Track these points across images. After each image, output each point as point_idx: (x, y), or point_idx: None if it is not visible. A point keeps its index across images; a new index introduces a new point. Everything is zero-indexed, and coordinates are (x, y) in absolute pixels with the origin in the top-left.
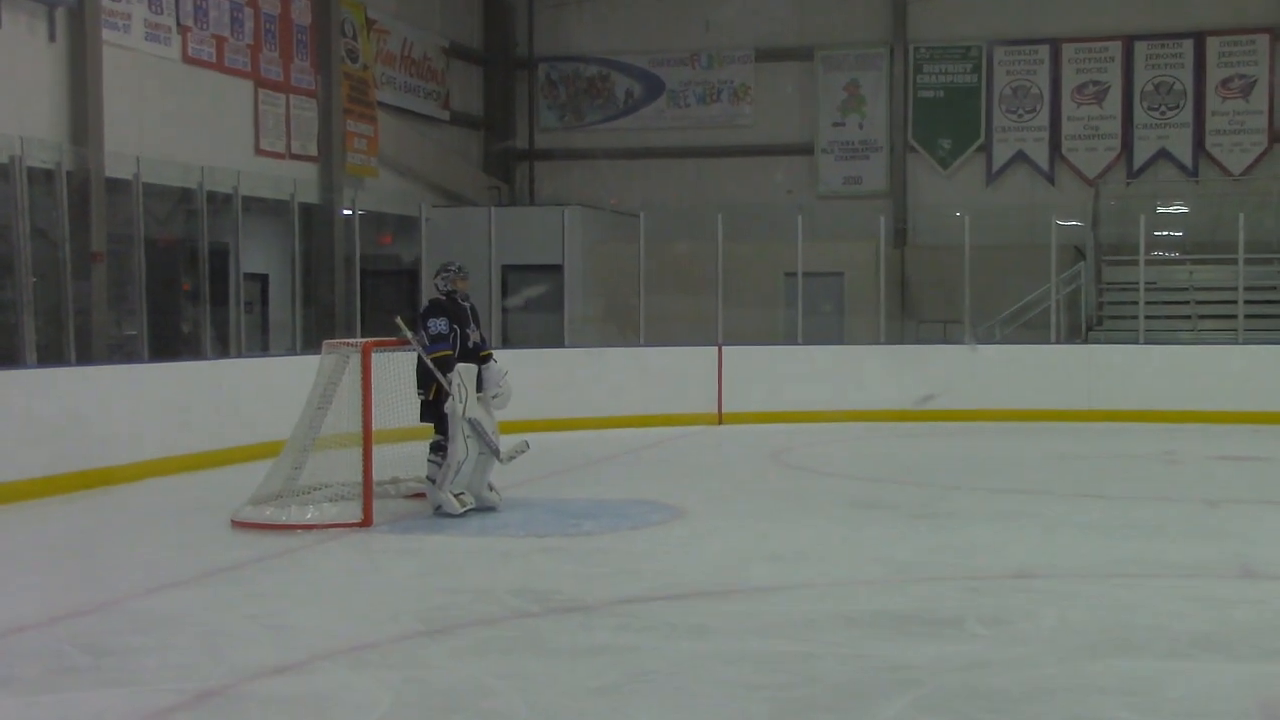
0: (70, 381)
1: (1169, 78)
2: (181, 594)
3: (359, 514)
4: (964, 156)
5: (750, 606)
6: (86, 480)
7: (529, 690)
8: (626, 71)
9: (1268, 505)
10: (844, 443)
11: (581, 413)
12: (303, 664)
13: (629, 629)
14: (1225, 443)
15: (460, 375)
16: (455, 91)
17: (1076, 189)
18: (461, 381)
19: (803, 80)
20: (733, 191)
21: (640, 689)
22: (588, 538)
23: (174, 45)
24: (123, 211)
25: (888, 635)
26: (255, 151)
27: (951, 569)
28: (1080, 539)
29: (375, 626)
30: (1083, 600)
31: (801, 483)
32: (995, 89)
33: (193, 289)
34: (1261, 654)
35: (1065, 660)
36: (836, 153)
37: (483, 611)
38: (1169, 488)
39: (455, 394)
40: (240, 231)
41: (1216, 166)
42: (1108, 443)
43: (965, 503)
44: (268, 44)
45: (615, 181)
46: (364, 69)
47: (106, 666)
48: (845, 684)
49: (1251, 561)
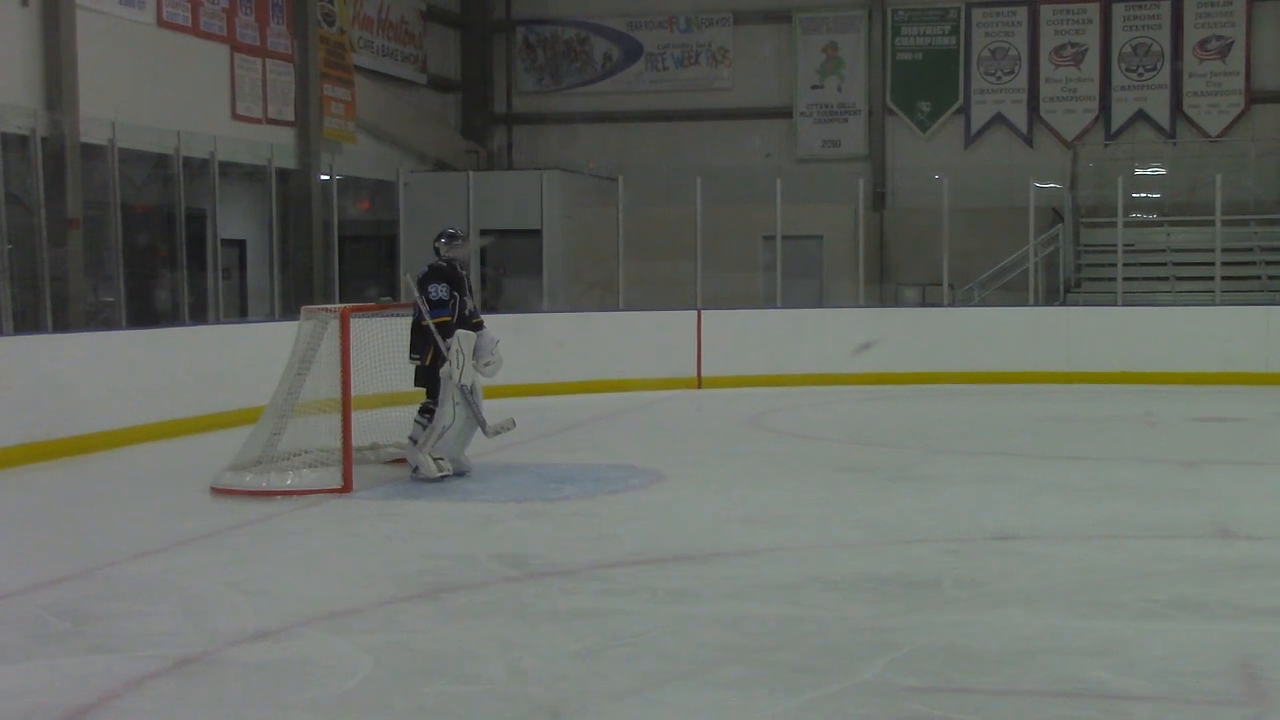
0: (47, 349)
1: (1146, 39)
2: (162, 560)
3: (339, 480)
4: (942, 119)
5: (730, 570)
6: (65, 448)
7: (510, 654)
8: (604, 34)
9: (1245, 466)
10: (823, 406)
11: (561, 377)
12: (283, 629)
13: (609, 593)
14: (1203, 404)
15: (459, 341)
16: (433, 55)
17: (1055, 151)
18: (460, 347)
19: (781, 43)
20: (711, 155)
21: (621, 653)
22: (568, 502)
23: (148, 9)
24: (98, 177)
25: (867, 598)
26: (231, 116)
27: (930, 531)
28: (1058, 501)
29: (356, 592)
30: (1060, 561)
31: (781, 446)
32: (973, 51)
33: (170, 255)
34: (1238, 613)
35: (1043, 621)
36: (815, 116)
37: (463, 576)
38: (1147, 449)
39: (454, 359)
40: (217, 197)
41: (1194, 128)
42: (1086, 404)
43: (944, 465)
44: (243, 8)
45: (593, 145)
46: (340, 33)
47: (87, 633)
48: (825, 646)
49: (1229, 522)
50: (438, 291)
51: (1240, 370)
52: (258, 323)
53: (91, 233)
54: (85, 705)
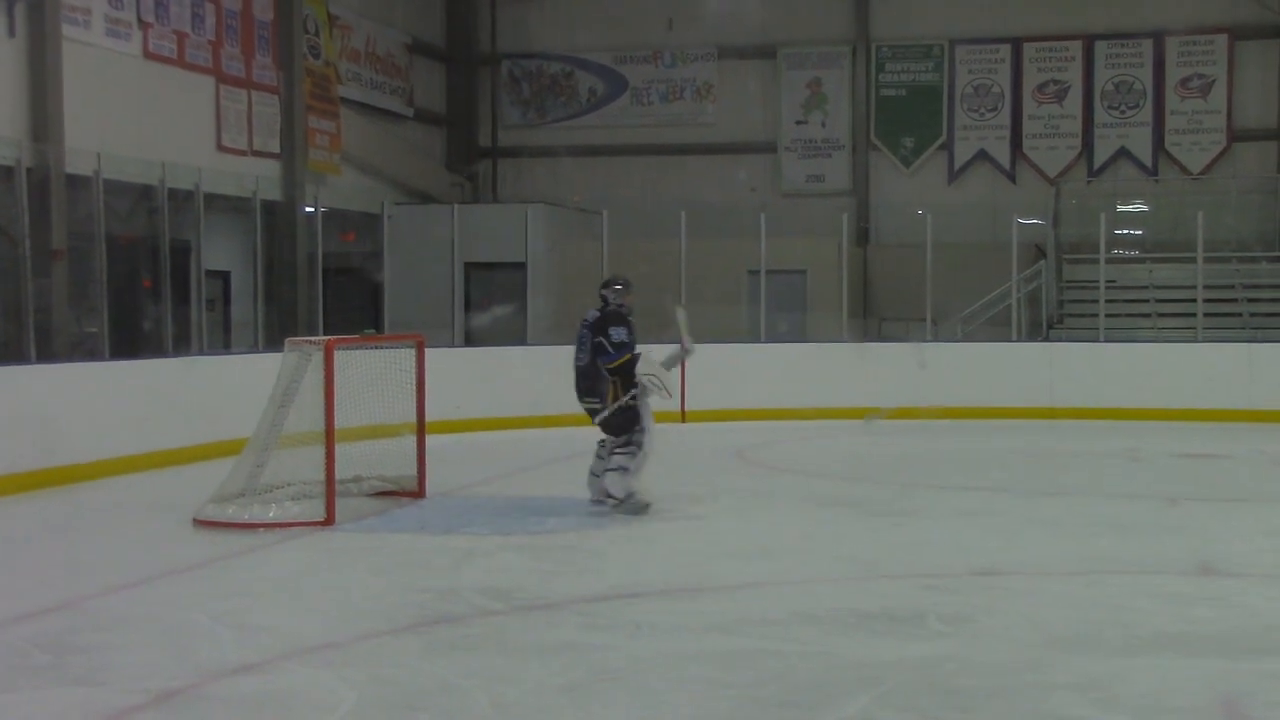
0: (31, 379)
1: (1129, 77)
2: (144, 592)
3: (322, 512)
4: (926, 155)
5: (714, 604)
6: (48, 478)
7: (493, 688)
8: (590, 69)
9: (1228, 503)
10: (807, 440)
11: (545, 410)
12: (266, 663)
13: (593, 627)
14: (1186, 440)
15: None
16: (419, 88)
17: (1037, 187)
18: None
19: (765, 78)
20: (696, 189)
21: (605, 687)
22: (552, 535)
23: (135, 41)
24: (83, 208)
25: (851, 632)
26: (217, 148)
27: (914, 566)
28: (1042, 536)
29: (338, 625)
30: (1044, 597)
31: (765, 481)
32: (957, 87)
33: (154, 286)
34: (1221, 650)
35: (1027, 657)
36: (799, 151)
37: (447, 610)
38: (1130, 485)
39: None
40: (202, 228)
41: (1176, 165)
42: (1069, 440)
43: (928, 500)
44: (229, 40)
45: (578, 179)
46: (326, 65)
47: (69, 666)
48: (809, 681)
49: (1211, 558)
50: (619, 334)
51: (1222, 407)
52: (241, 354)
53: (76, 264)
54: None
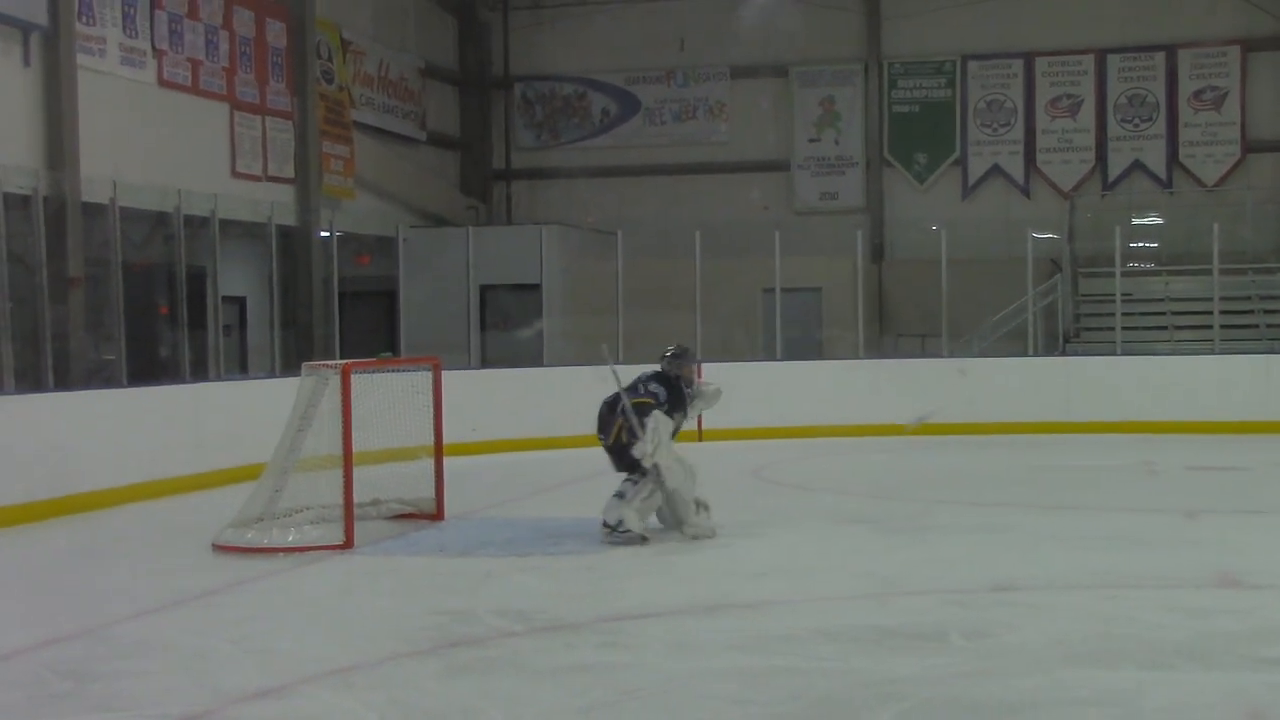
0: (49, 407)
1: (1142, 90)
2: (163, 619)
3: (340, 536)
4: (939, 171)
5: (734, 623)
6: (66, 506)
7: (513, 710)
8: (602, 90)
9: (1246, 515)
10: (825, 458)
11: (562, 431)
12: (286, 687)
13: (613, 647)
14: (1203, 452)
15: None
16: (432, 112)
17: (1052, 202)
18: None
19: (778, 97)
20: (710, 208)
21: (625, 707)
22: (569, 556)
23: (149, 69)
24: (99, 236)
25: (871, 649)
26: (231, 174)
27: (933, 582)
28: (1060, 551)
29: (358, 648)
30: (1064, 612)
31: (783, 499)
32: (970, 103)
33: (170, 313)
34: (1242, 663)
35: (1047, 672)
36: (812, 169)
37: (466, 632)
38: (1148, 498)
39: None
40: (218, 254)
41: (1190, 178)
42: (1086, 454)
43: (946, 516)
44: (243, 66)
45: (592, 200)
46: (340, 90)
47: (89, 693)
48: (830, 698)
49: (1231, 571)
50: (653, 388)
51: (1240, 419)
52: (258, 379)
53: (93, 291)
54: None
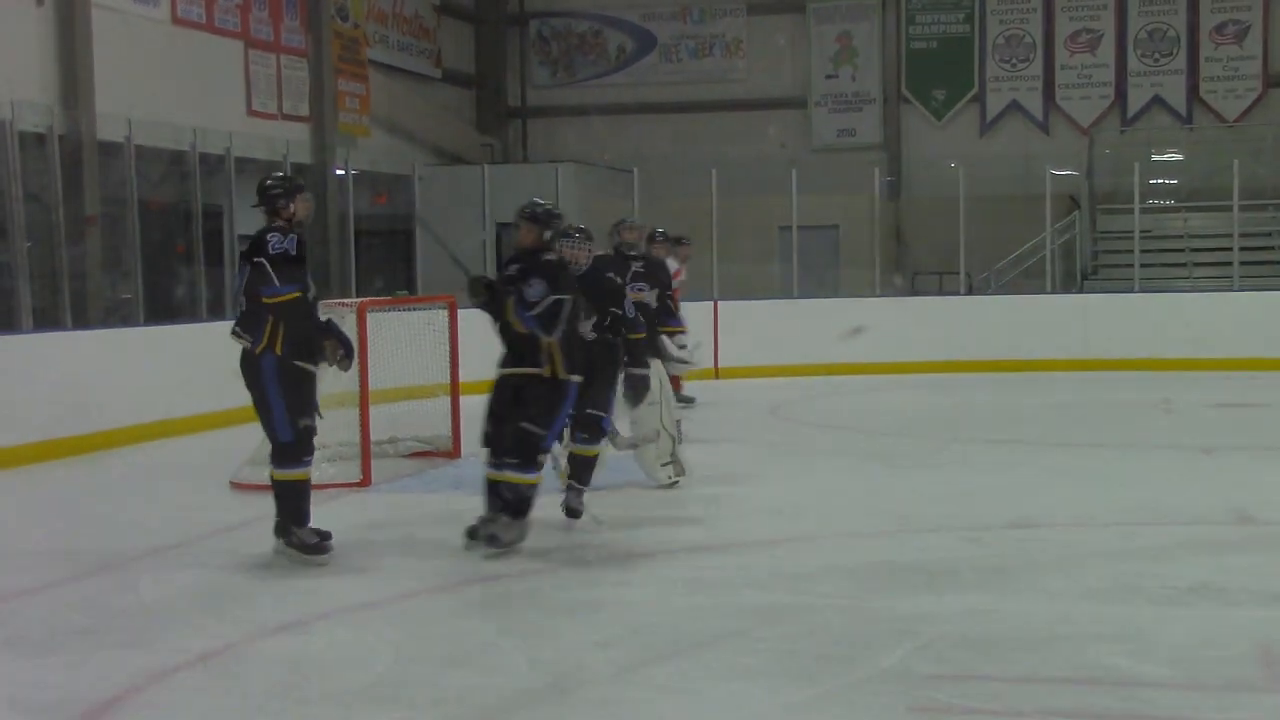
0: (67, 346)
1: (1162, 24)
2: (182, 555)
3: (357, 474)
4: (958, 107)
5: (749, 559)
6: (85, 444)
7: (530, 645)
8: (618, 27)
9: (1264, 452)
10: (840, 396)
11: None
12: (304, 623)
13: (629, 584)
14: (1221, 390)
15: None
16: (447, 49)
17: (1071, 138)
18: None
19: (795, 33)
20: (726, 146)
21: (641, 642)
22: (586, 495)
23: (163, 7)
24: (115, 175)
25: (887, 586)
26: (247, 112)
27: (949, 520)
28: (1077, 488)
29: (375, 585)
30: (1079, 548)
31: (799, 436)
32: (988, 39)
33: (187, 251)
34: (1259, 600)
35: (1063, 608)
36: (830, 105)
37: (483, 569)
38: (1165, 435)
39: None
40: (234, 193)
41: (1211, 113)
42: (1104, 391)
43: (963, 453)
44: (257, 4)
45: (608, 138)
46: (354, 27)
47: (110, 628)
48: (845, 635)
49: (1248, 507)
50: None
51: (1259, 356)
52: None
53: (109, 230)
54: (108, 699)
